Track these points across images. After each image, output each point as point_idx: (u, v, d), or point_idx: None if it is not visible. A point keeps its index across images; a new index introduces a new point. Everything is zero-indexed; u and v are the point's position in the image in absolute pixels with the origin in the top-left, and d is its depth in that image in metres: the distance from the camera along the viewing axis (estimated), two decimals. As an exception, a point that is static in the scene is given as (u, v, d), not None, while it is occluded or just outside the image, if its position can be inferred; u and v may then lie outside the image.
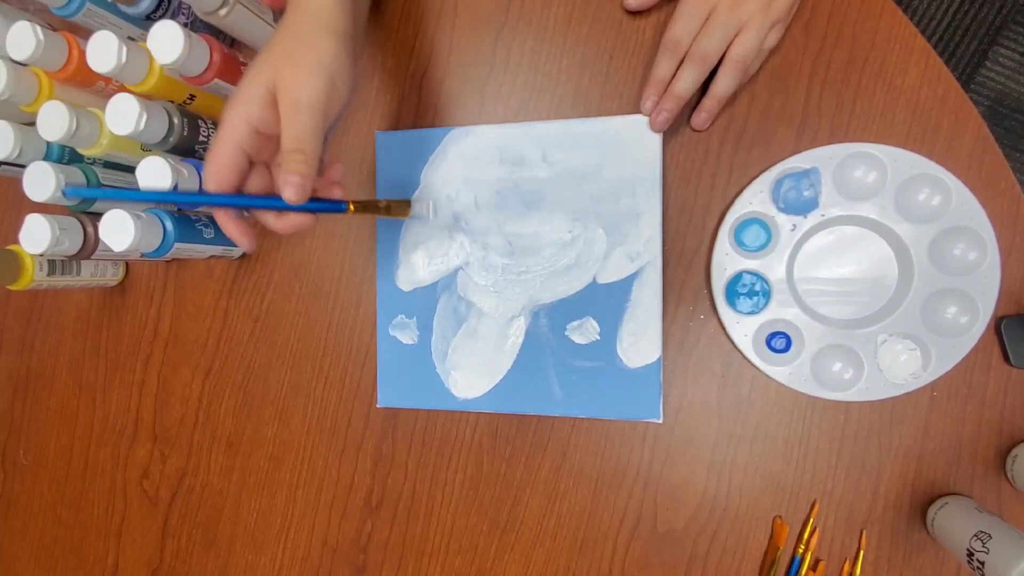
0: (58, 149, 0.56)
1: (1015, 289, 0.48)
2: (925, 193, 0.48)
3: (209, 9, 0.49)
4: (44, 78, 0.52)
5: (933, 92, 0.49)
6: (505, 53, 0.55)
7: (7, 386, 0.69)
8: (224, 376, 0.62)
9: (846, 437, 0.51)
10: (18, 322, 0.68)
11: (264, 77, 0.38)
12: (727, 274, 0.51)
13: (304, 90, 0.37)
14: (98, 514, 0.66)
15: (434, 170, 0.55)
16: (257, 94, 0.38)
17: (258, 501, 0.62)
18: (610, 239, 0.52)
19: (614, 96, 0.54)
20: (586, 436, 0.55)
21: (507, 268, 0.54)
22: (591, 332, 0.53)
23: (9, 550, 0.69)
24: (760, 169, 0.51)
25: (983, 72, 1.12)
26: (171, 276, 0.63)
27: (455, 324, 0.55)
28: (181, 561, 0.64)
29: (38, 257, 0.55)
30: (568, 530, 0.55)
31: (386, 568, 0.59)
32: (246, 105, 0.38)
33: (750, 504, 0.52)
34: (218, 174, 0.39)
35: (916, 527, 0.50)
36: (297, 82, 0.37)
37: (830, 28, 0.50)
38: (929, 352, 0.48)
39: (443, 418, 0.57)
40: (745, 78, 0.49)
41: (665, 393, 0.53)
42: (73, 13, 0.50)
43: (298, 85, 0.37)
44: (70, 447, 0.67)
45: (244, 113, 0.38)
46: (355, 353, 0.59)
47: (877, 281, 0.50)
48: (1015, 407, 0.48)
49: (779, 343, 0.50)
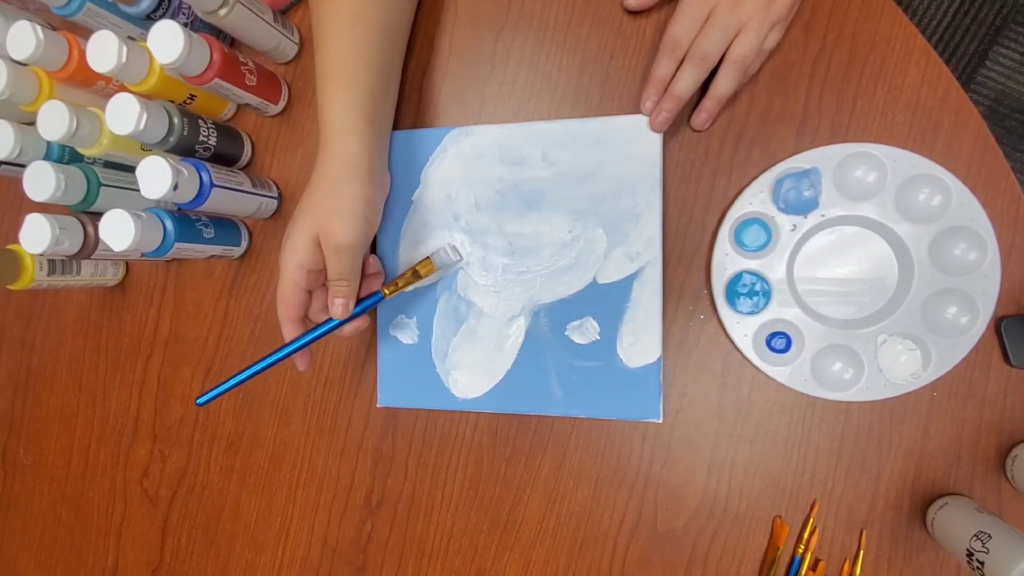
0: (58, 149, 0.56)
1: (1015, 289, 0.48)
2: (925, 193, 0.48)
3: (209, 9, 0.49)
4: (44, 78, 0.52)
5: (933, 92, 0.49)
6: (505, 53, 0.55)
7: (7, 386, 0.69)
8: (224, 376, 0.62)
9: (846, 437, 0.51)
10: (18, 322, 0.68)
11: (309, 228, 0.46)
12: (727, 274, 0.51)
13: (343, 237, 0.45)
14: (98, 514, 0.66)
15: (434, 170, 0.55)
16: (305, 244, 0.46)
17: (258, 501, 0.62)
18: (610, 239, 0.52)
19: (614, 96, 0.54)
20: (586, 436, 0.55)
21: (507, 268, 0.54)
22: (591, 332, 0.53)
23: (9, 550, 0.69)
24: (760, 169, 0.51)
25: (983, 72, 1.12)
26: (171, 276, 0.63)
27: (455, 324, 0.55)
28: (181, 561, 0.64)
29: (38, 257, 0.55)
30: (568, 530, 0.55)
31: (386, 568, 0.59)
32: (298, 254, 0.46)
33: (750, 504, 0.52)
34: (288, 312, 0.48)
35: (916, 527, 0.50)
36: (336, 231, 0.45)
37: (830, 28, 0.50)
38: (929, 352, 0.48)
39: (443, 418, 0.57)
40: (745, 78, 0.49)
41: (665, 393, 0.53)
42: (73, 13, 0.50)
43: (338, 232, 0.45)
44: (70, 447, 0.67)
45: (297, 260, 0.46)
46: (355, 353, 0.59)
47: (877, 281, 0.50)
48: (1015, 407, 0.49)
49: (779, 343, 0.50)
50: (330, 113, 0.47)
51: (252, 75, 0.54)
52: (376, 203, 0.47)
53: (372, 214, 0.47)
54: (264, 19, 0.53)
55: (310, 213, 0.46)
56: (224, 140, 0.56)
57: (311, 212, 0.46)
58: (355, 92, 0.47)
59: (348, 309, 0.48)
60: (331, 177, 0.46)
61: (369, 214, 0.46)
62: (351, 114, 0.46)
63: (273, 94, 0.57)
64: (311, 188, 0.47)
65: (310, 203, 0.47)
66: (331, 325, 0.49)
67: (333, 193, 0.46)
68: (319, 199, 0.46)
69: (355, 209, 0.45)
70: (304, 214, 0.46)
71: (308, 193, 0.47)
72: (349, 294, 0.47)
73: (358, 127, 0.46)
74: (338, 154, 0.46)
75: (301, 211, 0.47)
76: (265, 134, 0.61)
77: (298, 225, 0.47)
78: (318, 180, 0.47)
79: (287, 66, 0.60)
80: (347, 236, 0.45)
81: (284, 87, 0.59)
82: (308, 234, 0.46)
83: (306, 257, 0.46)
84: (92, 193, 0.54)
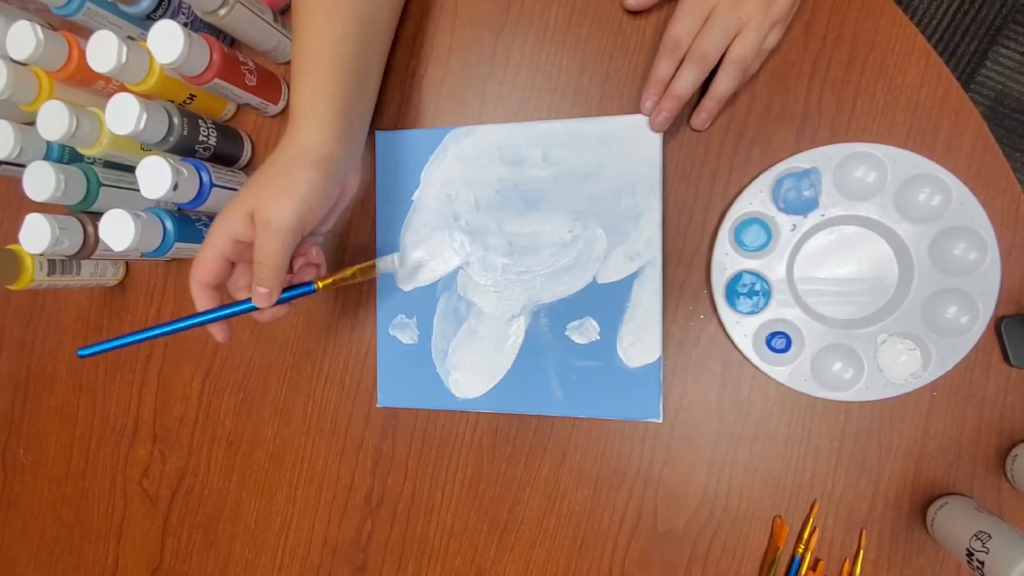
0: (58, 149, 0.56)
1: (1015, 289, 0.48)
2: (925, 193, 0.48)
3: (209, 9, 0.49)
4: (44, 78, 0.52)
5: (933, 92, 0.49)
6: (505, 53, 0.55)
7: (7, 386, 0.69)
8: (224, 376, 0.62)
9: (846, 437, 0.51)
10: (18, 322, 0.68)
11: (247, 200, 0.44)
12: (727, 274, 0.51)
13: (275, 214, 0.43)
14: (98, 514, 0.66)
15: (434, 170, 0.55)
16: (238, 214, 0.44)
17: (258, 501, 0.62)
18: (610, 239, 0.52)
19: (614, 96, 0.54)
20: (586, 436, 0.55)
21: (507, 268, 0.54)
22: (591, 332, 0.53)
23: (9, 550, 0.69)
24: (760, 169, 0.51)
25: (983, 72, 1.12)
26: (171, 276, 0.63)
27: (455, 324, 0.55)
28: (181, 561, 0.64)
29: (38, 257, 0.55)
30: (568, 530, 0.55)
31: (386, 568, 0.59)
32: (229, 221, 0.45)
33: (750, 504, 0.52)
34: (201, 274, 0.46)
35: (916, 527, 0.50)
36: (271, 207, 0.43)
37: (830, 28, 0.50)
38: (929, 352, 0.48)
39: (443, 418, 0.57)
40: (745, 78, 0.49)
41: (665, 393, 0.53)
42: (73, 13, 0.50)
43: (271, 209, 0.43)
44: (70, 447, 0.67)
45: (227, 228, 0.45)
46: (355, 353, 0.59)
47: (877, 281, 0.50)
48: (1015, 407, 0.49)
49: (779, 343, 0.50)
50: (297, 100, 0.46)
51: (252, 75, 0.54)
52: (324, 192, 0.45)
53: (315, 203, 0.45)
54: (264, 19, 0.53)
55: (252, 187, 0.45)
56: (224, 140, 0.56)
57: (253, 186, 0.45)
58: (325, 83, 0.46)
59: (268, 300, 0.45)
60: (285, 159, 0.45)
61: (312, 202, 0.44)
62: (318, 104, 0.46)
63: (273, 94, 0.57)
64: (263, 167, 0.46)
65: (256, 179, 0.46)
66: (248, 306, 0.47)
67: (281, 172, 0.45)
68: (265, 177, 0.45)
69: (297, 191, 0.44)
70: (248, 188, 0.45)
71: (259, 171, 0.46)
72: (271, 281, 0.45)
73: (323, 117, 0.46)
74: (297, 138, 0.45)
75: (247, 185, 0.46)
76: (265, 134, 0.61)
77: (239, 196, 0.45)
78: (271, 160, 0.46)
79: (287, 66, 0.60)
80: (280, 214, 0.43)
81: (284, 87, 0.59)
82: (244, 205, 0.45)
83: (236, 226, 0.45)
84: (92, 193, 0.54)
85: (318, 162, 0.45)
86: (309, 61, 0.46)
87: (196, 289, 0.46)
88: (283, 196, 0.43)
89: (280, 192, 0.44)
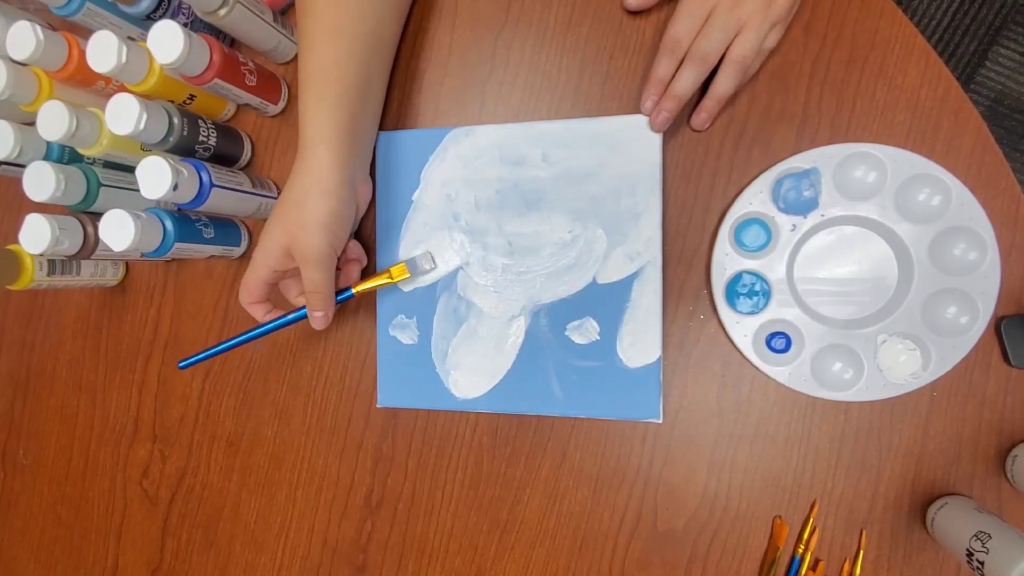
0: (58, 149, 0.56)
1: (1015, 289, 0.48)
2: (925, 193, 0.48)
3: (209, 9, 0.49)
4: (44, 78, 0.52)
5: (933, 92, 0.49)
6: (505, 53, 0.55)
7: (7, 386, 0.69)
8: (224, 376, 0.62)
9: (846, 437, 0.51)
10: (18, 322, 0.68)
11: (279, 236, 0.49)
12: (727, 274, 0.51)
13: (311, 250, 0.48)
14: (98, 514, 0.66)
15: (434, 170, 0.55)
16: (275, 250, 0.50)
17: (258, 501, 0.62)
18: (610, 239, 0.52)
19: (614, 96, 0.54)
20: (586, 436, 0.55)
21: (507, 268, 0.54)
22: (591, 332, 0.53)
23: (9, 550, 0.69)
24: (760, 169, 0.51)
25: (983, 72, 1.12)
26: (171, 276, 0.63)
27: (455, 324, 0.55)
28: (181, 561, 0.64)
29: (38, 257, 0.55)
30: (568, 530, 0.55)
31: (386, 568, 0.59)
32: (269, 257, 0.50)
33: (750, 504, 0.52)
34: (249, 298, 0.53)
35: (916, 527, 0.50)
36: (305, 244, 0.48)
37: (830, 28, 0.50)
38: (929, 352, 0.48)
39: (443, 418, 0.57)
40: (745, 78, 0.49)
41: (665, 393, 0.53)
42: (73, 13, 0.50)
43: (306, 246, 0.48)
44: (70, 447, 0.67)
45: (266, 262, 0.50)
46: (355, 353, 0.59)
47: (877, 281, 0.50)
48: (1015, 407, 0.49)
49: (779, 343, 0.50)
50: (305, 122, 0.48)
51: (252, 75, 0.54)
52: (343, 217, 0.49)
53: (339, 228, 0.49)
54: (264, 19, 0.53)
55: (280, 223, 0.49)
56: (224, 140, 0.56)
57: (281, 222, 0.49)
58: (329, 102, 0.48)
59: (327, 320, 0.51)
60: (300, 189, 0.48)
61: (336, 228, 0.49)
62: (325, 124, 0.48)
63: (273, 94, 0.57)
64: (283, 197, 0.49)
65: (280, 213, 0.49)
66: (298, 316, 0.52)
67: (300, 206, 0.48)
68: (287, 210, 0.49)
69: (321, 223, 0.48)
70: (275, 222, 0.49)
71: (280, 201, 0.50)
72: (324, 306, 0.50)
73: (330, 137, 0.48)
74: (309, 164, 0.48)
75: (273, 218, 0.50)
76: (265, 134, 0.61)
77: (270, 232, 0.50)
78: (288, 190, 0.49)
79: (287, 66, 0.60)
80: (313, 249, 0.48)
81: (284, 87, 0.59)
82: (279, 241, 0.49)
83: (276, 261, 0.50)
84: (92, 193, 0.54)
85: (333, 191, 0.48)
86: (313, 80, 0.48)
87: (249, 309, 0.53)
88: (311, 231, 0.48)
89: (307, 228, 0.48)
